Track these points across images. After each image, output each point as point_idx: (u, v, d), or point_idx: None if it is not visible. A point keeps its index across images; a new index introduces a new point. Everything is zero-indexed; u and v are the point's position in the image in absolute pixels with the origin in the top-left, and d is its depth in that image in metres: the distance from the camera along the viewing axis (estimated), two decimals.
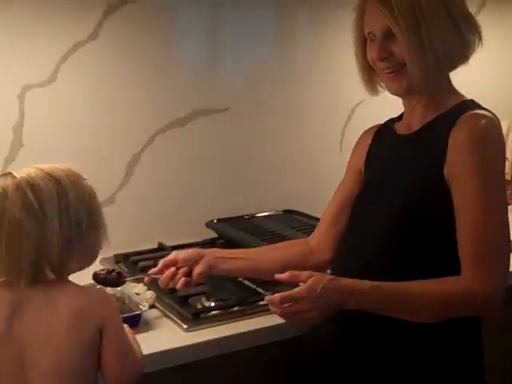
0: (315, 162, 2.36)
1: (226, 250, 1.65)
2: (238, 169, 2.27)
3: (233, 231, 2.00)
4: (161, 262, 1.54)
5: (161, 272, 1.53)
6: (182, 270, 1.52)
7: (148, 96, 2.08)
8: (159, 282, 1.54)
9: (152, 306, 1.66)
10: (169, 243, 2.02)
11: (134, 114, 2.07)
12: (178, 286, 1.52)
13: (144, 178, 2.10)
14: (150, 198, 2.13)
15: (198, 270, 1.52)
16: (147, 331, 1.57)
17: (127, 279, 1.58)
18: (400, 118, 1.52)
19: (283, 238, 1.91)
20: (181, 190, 2.18)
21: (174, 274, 1.51)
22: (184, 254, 1.53)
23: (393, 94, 1.42)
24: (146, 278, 1.57)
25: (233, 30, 2.21)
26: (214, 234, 2.07)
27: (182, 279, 1.51)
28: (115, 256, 2.00)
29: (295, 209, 2.24)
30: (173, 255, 1.54)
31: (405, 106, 1.48)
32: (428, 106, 1.42)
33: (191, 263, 1.52)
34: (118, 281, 1.53)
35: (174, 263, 1.53)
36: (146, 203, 2.13)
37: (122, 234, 1.97)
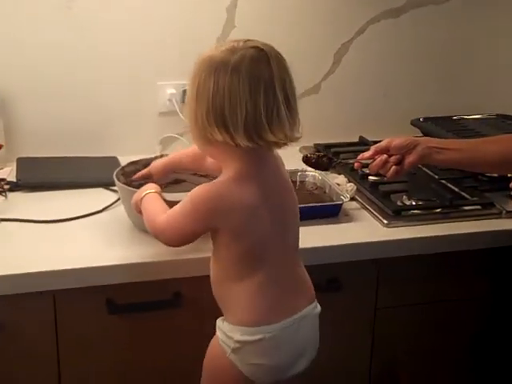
0: None
1: (439, 140, 1.57)
2: (450, 67, 2.13)
3: (439, 131, 1.90)
4: (372, 148, 1.51)
5: (371, 158, 1.50)
6: (393, 158, 1.48)
7: None
8: (369, 167, 1.52)
9: (352, 199, 1.65)
10: (371, 138, 1.97)
11: (345, 3, 1.99)
12: (389, 174, 1.48)
13: (351, 69, 2.04)
14: (354, 89, 2.08)
15: (410, 158, 1.47)
16: (347, 222, 1.57)
17: (336, 162, 1.58)
18: None
19: None
20: (387, 84, 2.10)
21: (385, 162, 1.48)
22: (397, 142, 1.48)
23: None
24: (356, 164, 1.55)
25: None
26: (418, 133, 1.98)
27: (393, 167, 1.47)
28: (315, 145, 1.99)
29: (510, 114, 2.08)
30: (385, 142, 1.49)
31: None
32: None
33: (404, 151, 1.47)
34: (328, 165, 1.54)
35: (386, 150, 1.49)
36: (350, 95, 2.08)
37: (323, 125, 1.99)
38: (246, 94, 1.11)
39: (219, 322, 1.29)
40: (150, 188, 1.35)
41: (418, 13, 2.05)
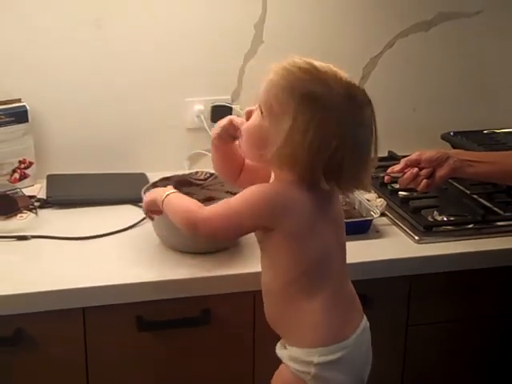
0: None
1: (471, 153, 1.56)
2: (482, 80, 2.10)
3: (471, 145, 1.87)
4: (403, 161, 1.49)
5: (402, 171, 1.48)
6: (424, 171, 1.46)
7: None
8: (399, 181, 1.51)
9: (382, 214, 1.63)
10: (400, 153, 1.95)
11: (374, 17, 1.97)
12: (420, 187, 1.47)
13: (379, 82, 2.02)
14: (383, 104, 2.01)
15: (441, 172, 1.46)
16: (377, 238, 1.55)
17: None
18: None
19: None
20: (416, 97, 2.07)
21: (416, 175, 1.46)
22: (428, 155, 1.47)
23: None
24: (386, 177, 1.54)
25: None
26: (448, 147, 1.96)
27: (424, 181, 1.46)
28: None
29: None
30: (416, 155, 1.48)
31: None
32: None
33: (435, 164, 1.46)
34: None
35: (416, 163, 1.47)
36: (379, 110, 2.03)
37: None
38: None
39: (281, 350, 1.23)
40: (169, 189, 1.29)
41: (449, 26, 2.03)
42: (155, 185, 1.54)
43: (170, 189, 1.29)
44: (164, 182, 1.57)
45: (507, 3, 2.05)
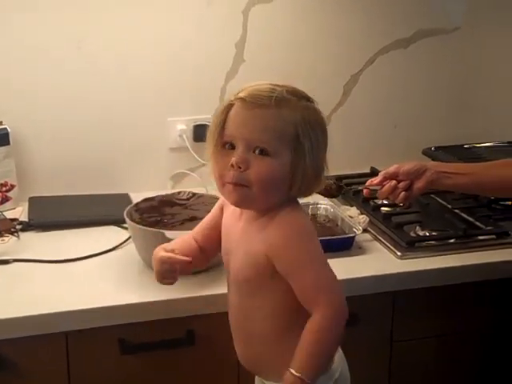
0: None
1: (449, 165, 1.57)
2: (462, 95, 2.12)
3: (451, 160, 1.88)
4: (381, 174, 1.50)
5: (380, 184, 1.49)
6: (402, 184, 1.47)
7: (370, 15, 1.98)
8: (378, 194, 1.51)
9: (365, 230, 1.63)
10: (382, 169, 1.96)
11: (354, 35, 1.99)
12: (398, 199, 1.48)
13: (361, 99, 2.04)
14: (364, 120, 2.08)
15: (419, 184, 1.46)
16: (360, 255, 1.55)
17: (345, 190, 1.59)
18: None
19: None
20: (397, 114, 2.09)
21: (395, 187, 1.47)
22: (406, 167, 1.47)
23: None
24: (364, 191, 1.54)
25: None
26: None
27: (403, 193, 1.47)
28: (326, 177, 1.98)
29: None
30: (394, 168, 1.49)
31: None
32: None
33: (413, 177, 1.47)
34: (337, 192, 1.54)
35: (394, 176, 1.48)
36: (361, 126, 2.08)
37: (334, 156, 1.97)
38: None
39: None
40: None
41: (428, 42, 2.05)
42: (138, 205, 1.54)
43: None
44: (147, 202, 1.57)
45: (483, 20, 2.07)
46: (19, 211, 1.75)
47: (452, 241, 1.61)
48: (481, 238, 1.62)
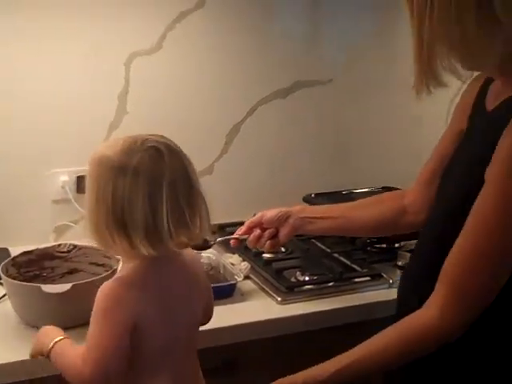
0: (420, 137, 2.28)
1: (313, 208, 1.59)
2: (338, 143, 2.23)
3: None
4: (246, 224, 1.51)
5: (246, 233, 1.50)
6: (267, 232, 1.49)
7: (251, 66, 2.06)
8: (247, 243, 1.53)
9: (246, 277, 1.67)
10: None
11: (236, 85, 2.06)
12: (265, 248, 1.50)
13: (243, 148, 2.10)
14: (247, 168, 2.13)
15: (284, 231, 1.48)
16: (241, 302, 1.58)
17: (213, 243, 1.58)
18: None
19: None
20: (279, 161, 2.16)
21: (260, 237, 1.49)
22: (269, 215, 1.49)
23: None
24: (232, 241, 1.54)
25: (336, 1, 2.15)
26: None
27: (268, 242, 1.49)
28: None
29: (394, 186, 2.18)
30: (258, 217, 1.50)
31: None
32: (504, 82, 1.16)
33: (276, 224, 1.48)
34: (204, 245, 1.52)
35: (259, 224, 1.50)
36: (244, 174, 2.13)
37: (218, 205, 2.01)
38: (146, 198, 1.08)
39: None
40: (56, 334, 1.19)
41: (306, 92, 2.14)
42: (14, 259, 1.52)
43: (54, 335, 1.19)
44: (25, 256, 1.55)
45: (353, 72, 2.19)
46: None
47: (330, 284, 1.67)
48: (356, 280, 1.69)
